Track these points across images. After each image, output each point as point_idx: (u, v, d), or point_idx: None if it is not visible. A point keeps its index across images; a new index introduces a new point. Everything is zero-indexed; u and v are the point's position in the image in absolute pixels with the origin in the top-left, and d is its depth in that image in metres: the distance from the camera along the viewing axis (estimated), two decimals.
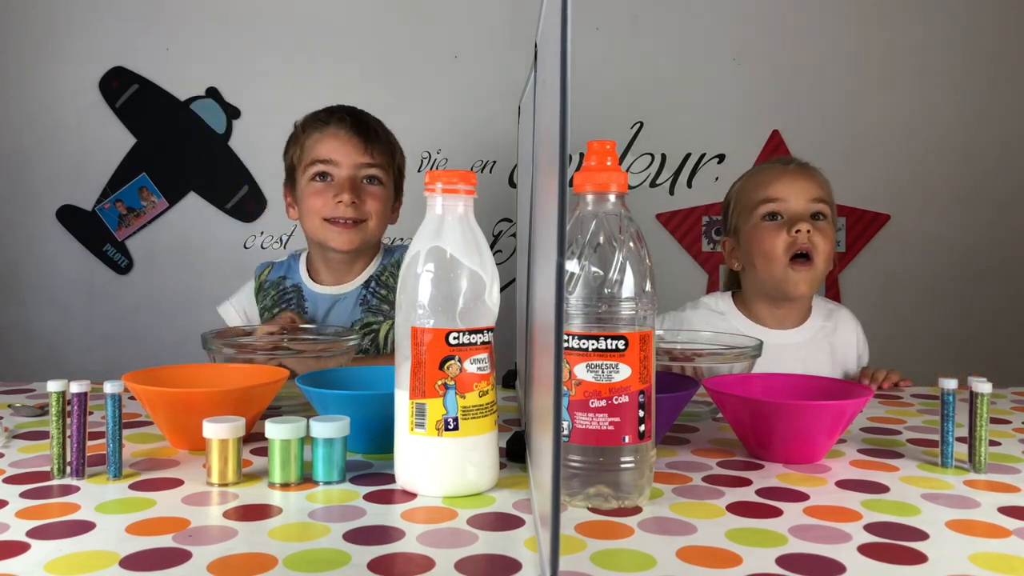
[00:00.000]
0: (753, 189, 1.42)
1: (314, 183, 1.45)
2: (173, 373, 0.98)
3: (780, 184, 1.39)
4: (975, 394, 0.85)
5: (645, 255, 0.73)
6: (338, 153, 1.44)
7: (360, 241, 1.45)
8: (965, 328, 2.13)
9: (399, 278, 0.77)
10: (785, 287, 1.37)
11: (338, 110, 1.49)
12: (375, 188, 1.46)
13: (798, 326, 1.44)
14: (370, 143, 1.45)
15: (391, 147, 1.50)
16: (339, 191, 1.42)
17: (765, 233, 1.38)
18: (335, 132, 1.45)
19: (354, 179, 1.44)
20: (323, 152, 1.45)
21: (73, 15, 2.15)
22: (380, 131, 1.49)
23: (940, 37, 2.16)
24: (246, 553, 0.62)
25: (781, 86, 2.16)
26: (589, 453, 0.72)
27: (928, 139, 2.17)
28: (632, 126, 2.17)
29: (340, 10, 2.16)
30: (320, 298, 1.49)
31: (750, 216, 1.40)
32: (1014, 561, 0.62)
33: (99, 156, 2.17)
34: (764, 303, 1.44)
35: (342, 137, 1.44)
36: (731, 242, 1.48)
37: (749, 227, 1.41)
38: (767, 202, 1.38)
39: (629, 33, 2.16)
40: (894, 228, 2.18)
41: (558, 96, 0.48)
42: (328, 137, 1.45)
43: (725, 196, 1.52)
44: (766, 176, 1.42)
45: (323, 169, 1.44)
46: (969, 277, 2.19)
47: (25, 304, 2.19)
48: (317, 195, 1.45)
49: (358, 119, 1.47)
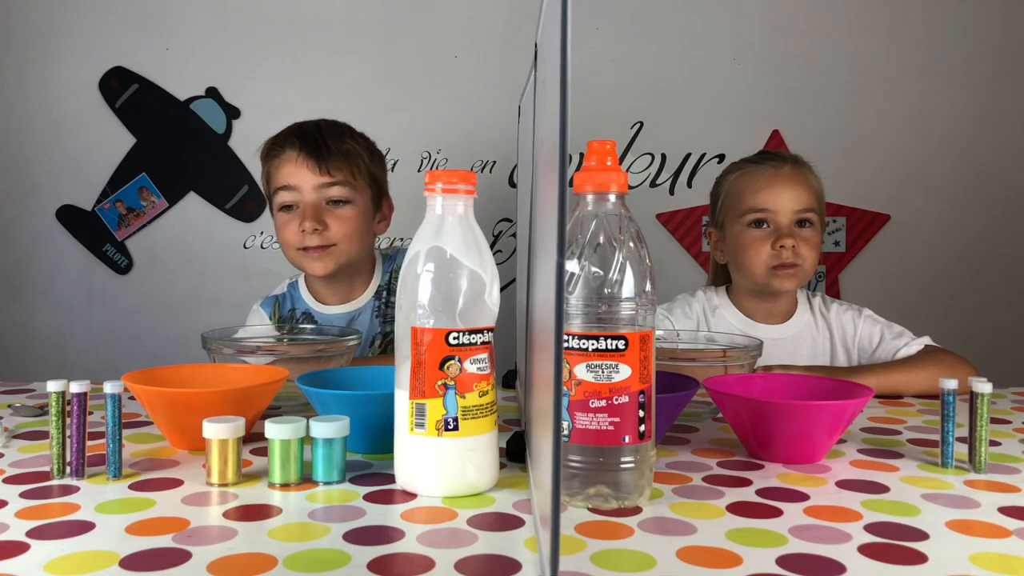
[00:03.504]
0: (742, 192, 1.42)
1: (282, 214, 1.42)
2: (173, 373, 0.98)
3: (770, 193, 1.39)
4: (975, 394, 0.85)
5: (645, 255, 0.73)
6: (295, 178, 1.38)
7: (335, 265, 1.41)
8: (965, 328, 2.13)
9: (399, 278, 0.76)
10: (769, 286, 1.40)
11: (290, 131, 1.43)
12: (341, 210, 1.40)
13: (785, 321, 1.46)
14: (325, 161, 1.38)
15: (353, 158, 1.41)
16: (302, 219, 1.38)
17: (750, 240, 1.40)
18: (289, 156, 1.39)
19: (317, 205, 1.38)
20: (282, 178, 1.40)
21: (73, 15, 2.15)
22: (336, 145, 1.40)
23: (940, 37, 2.16)
24: (246, 553, 0.62)
25: (781, 86, 2.16)
26: (589, 453, 0.71)
27: (928, 139, 2.17)
28: (632, 126, 2.17)
29: (340, 10, 2.16)
30: (335, 319, 1.46)
31: (737, 219, 1.42)
32: (1014, 561, 0.62)
33: (99, 156, 2.17)
34: (751, 296, 1.47)
35: (297, 160, 1.38)
36: (717, 233, 1.49)
37: (735, 229, 1.43)
38: (754, 211, 1.40)
39: (629, 33, 2.16)
40: (894, 228, 2.18)
41: (558, 96, 0.48)
42: (285, 162, 1.40)
43: (715, 183, 1.51)
44: (757, 181, 1.41)
45: (287, 199, 1.40)
46: (969, 277, 2.19)
47: (25, 304, 2.19)
48: (285, 226, 1.41)
49: (309, 138, 1.40)
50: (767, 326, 1.44)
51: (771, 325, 1.45)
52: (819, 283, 2.19)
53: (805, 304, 1.48)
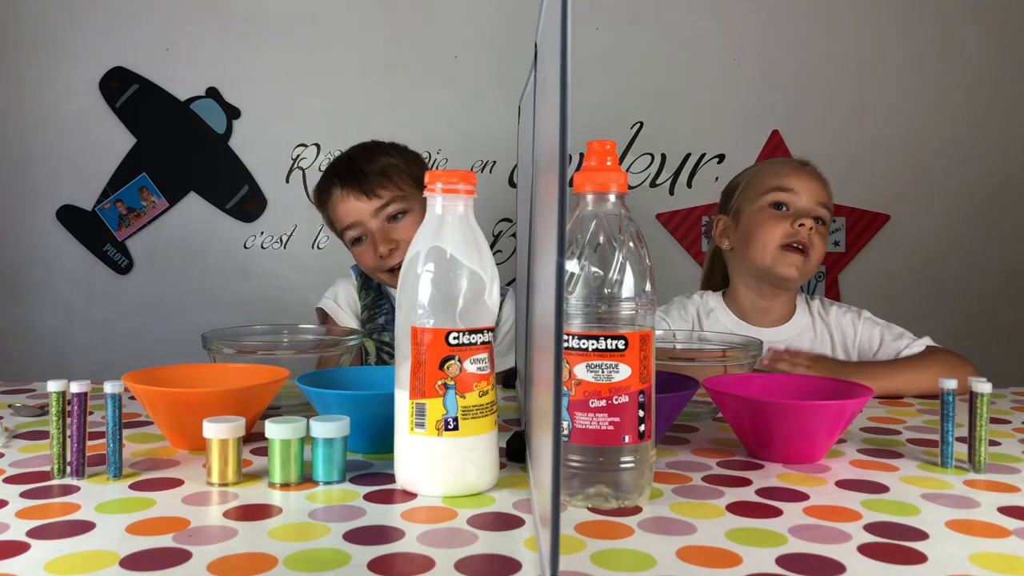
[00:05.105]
0: (768, 176, 1.45)
1: (356, 247, 1.50)
2: (173, 373, 0.98)
3: (794, 179, 1.42)
4: (975, 394, 0.85)
5: (645, 255, 0.73)
6: (350, 214, 1.46)
7: None
8: (965, 328, 2.13)
9: (399, 278, 0.76)
10: (775, 269, 1.39)
11: (326, 173, 1.51)
12: (403, 222, 1.47)
13: (782, 324, 1.45)
14: (367, 186, 1.45)
15: (392, 172, 1.47)
16: (374, 247, 1.46)
17: (768, 218, 1.40)
18: (336, 196, 1.48)
19: (381, 228, 1.46)
20: (341, 218, 1.48)
21: (73, 15, 2.15)
22: (370, 167, 1.47)
23: (940, 36, 2.16)
24: (246, 553, 0.62)
25: (781, 86, 2.16)
26: (589, 453, 0.71)
27: (928, 139, 2.17)
28: (632, 126, 2.17)
29: (340, 10, 2.16)
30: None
31: (758, 199, 1.42)
32: (1014, 561, 0.62)
33: (99, 156, 2.17)
34: (749, 291, 1.45)
35: (344, 196, 1.47)
36: (727, 221, 1.49)
37: (754, 209, 1.43)
38: (779, 190, 1.41)
39: (629, 33, 2.16)
40: (894, 228, 2.18)
41: (558, 96, 0.48)
42: (336, 203, 1.48)
43: (732, 180, 1.53)
44: (783, 168, 1.46)
45: (353, 234, 1.48)
46: (969, 277, 2.19)
47: (25, 304, 2.20)
48: (362, 257, 1.50)
49: (343, 171, 1.48)
50: (763, 329, 1.43)
51: (767, 328, 1.43)
52: (819, 283, 2.19)
53: (804, 308, 1.47)
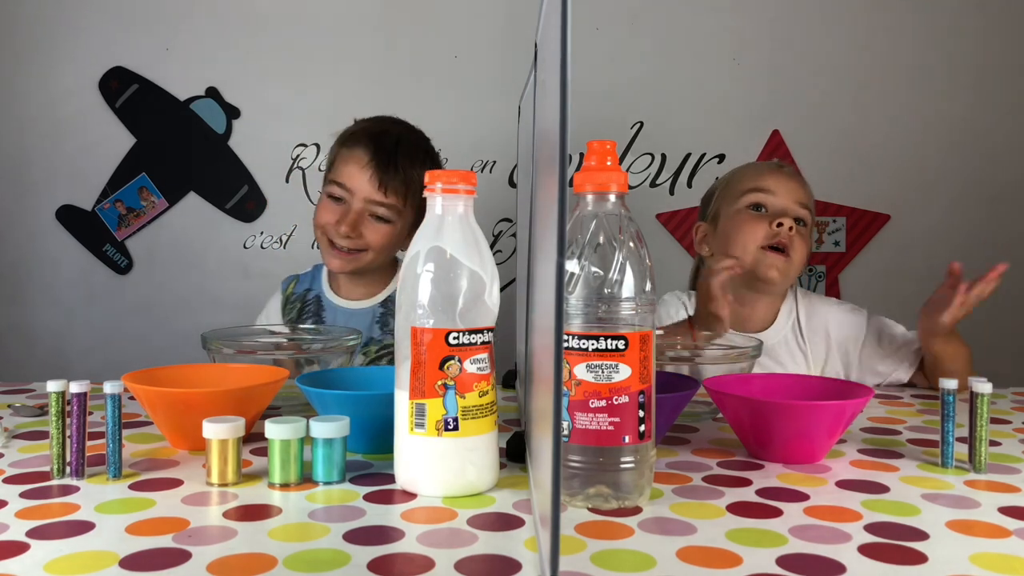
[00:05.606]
0: (744, 178, 1.45)
1: (328, 199, 1.45)
2: (173, 373, 0.98)
3: (771, 179, 1.42)
4: (975, 394, 0.85)
5: (645, 255, 0.73)
6: (353, 181, 1.41)
7: (353, 267, 1.46)
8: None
9: (399, 278, 0.77)
10: (756, 270, 1.37)
11: (370, 136, 1.43)
12: (380, 226, 1.43)
13: (761, 331, 1.43)
14: (387, 182, 1.40)
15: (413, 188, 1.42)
16: (342, 218, 1.41)
17: (746, 220, 1.40)
18: (358, 157, 1.41)
19: (360, 213, 1.42)
20: (342, 175, 1.43)
21: (73, 15, 2.15)
22: (405, 171, 1.41)
23: (940, 36, 2.16)
24: (246, 553, 0.62)
25: (781, 86, 2.16)
26: (589, 453, 0.71)
27: (928, 139, 2.17)
28: (632, 126, 2.17)
29: (340, 10, 2.16)
30: (338, 311, 1.50)
31: (735, 202, 1.42)
32: (1014, 561, 0.62)
33: (99, 156, 2.17)
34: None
35: (361, 163, 1.41)
36: (706, 227, 1.49)
37: (732, 211, 1.42)
38: (756, 191, 1.40)
39: (629, 33, 2.16)
40: (894, 228, 2.18)
41: (558, 96, 0.48)
42: (350, 161, 1.42)
43: (711, 186, 1.54)
44: (759, 170, 1.46)
45: (336, 192, 1.43)
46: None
47: (25, 304, 2.19)
48: (325, 209, 1.44)
49: (383, 153, 1.41)
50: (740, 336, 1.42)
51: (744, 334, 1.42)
52: (819, 283, 2.19)
53: (787, 314, 1.45)
